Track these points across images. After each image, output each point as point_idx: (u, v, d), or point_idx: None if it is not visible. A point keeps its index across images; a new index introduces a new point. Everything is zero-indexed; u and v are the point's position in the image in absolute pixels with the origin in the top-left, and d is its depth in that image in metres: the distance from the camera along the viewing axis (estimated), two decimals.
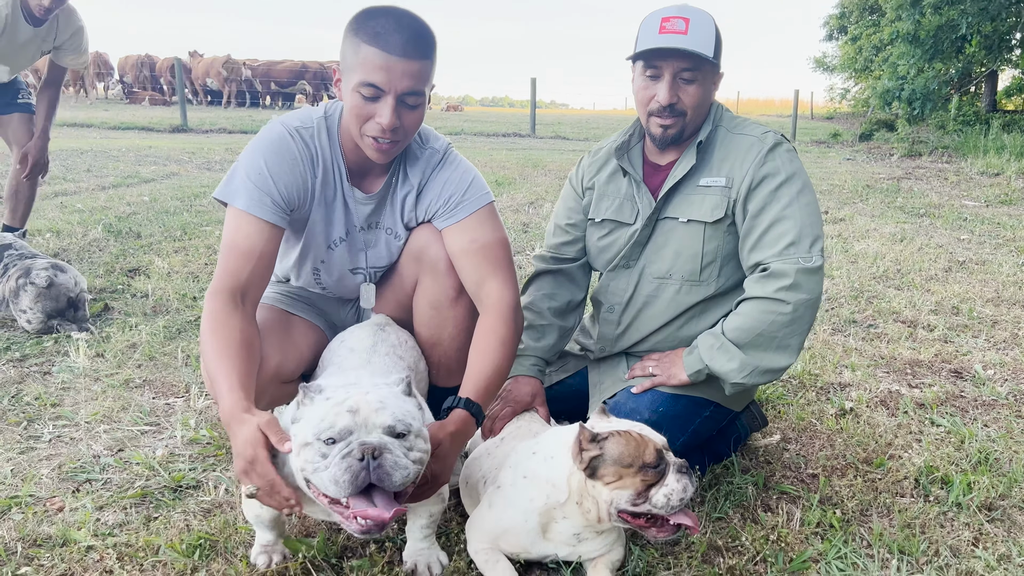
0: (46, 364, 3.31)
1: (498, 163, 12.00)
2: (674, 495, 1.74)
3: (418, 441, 1.63)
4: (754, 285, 2.20)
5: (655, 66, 2.22)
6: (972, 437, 2.71)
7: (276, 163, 2.04)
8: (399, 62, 1.89)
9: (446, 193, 2.18)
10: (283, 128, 2.10)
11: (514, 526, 1.88)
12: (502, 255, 2.19)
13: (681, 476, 1.76)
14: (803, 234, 2.17)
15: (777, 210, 2.20)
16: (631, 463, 1.75)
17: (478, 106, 61.35)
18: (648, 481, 1.75)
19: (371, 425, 1.57)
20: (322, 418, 1.59)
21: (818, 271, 2.17)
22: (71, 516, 2.15)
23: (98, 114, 20.14)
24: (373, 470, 1.53)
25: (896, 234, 6.60)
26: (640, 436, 1.79)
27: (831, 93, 35.52)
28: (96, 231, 5.83)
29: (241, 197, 2.02)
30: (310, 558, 1.93)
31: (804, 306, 2.15)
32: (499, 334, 2.07)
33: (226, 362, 1.84)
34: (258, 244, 2.01)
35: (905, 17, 17.22)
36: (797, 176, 2.23)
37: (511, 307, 2.12)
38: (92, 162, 10.32)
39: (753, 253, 2.23)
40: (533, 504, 1.85)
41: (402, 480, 1.56)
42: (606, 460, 1.77)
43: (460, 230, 2.17)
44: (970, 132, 15.84)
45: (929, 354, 3.60)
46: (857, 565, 1.99)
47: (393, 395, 1.67)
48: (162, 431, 2.72)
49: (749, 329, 2.17)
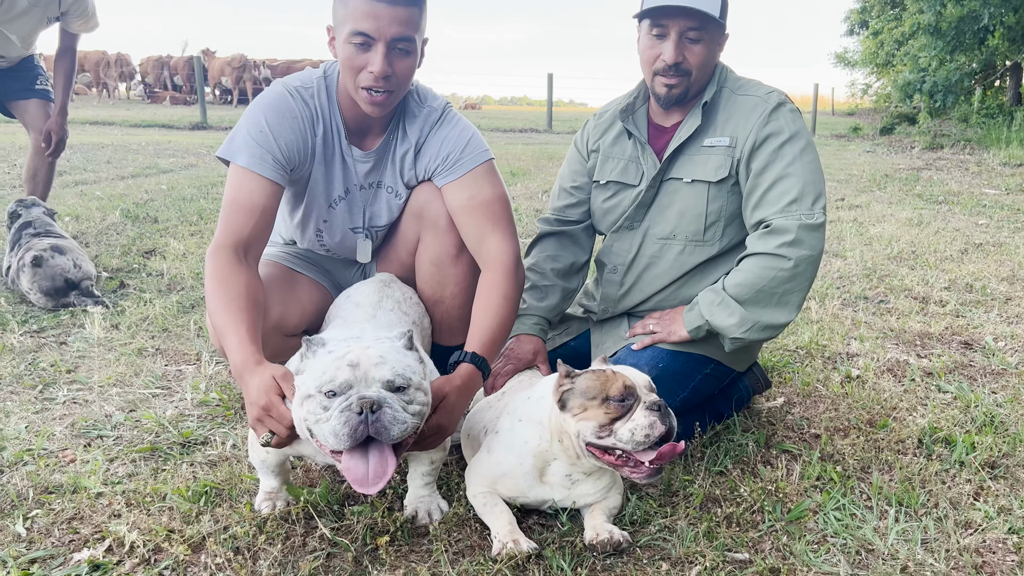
0: (62, 335, 3.37)
1: (514, 156, 12.02)
2: (639, 430, 1.74)
3: (418, 394, 1.66)
4: (756, 241, 2.21)
5: (661, 24, 2.23)
6: (978, 401, 2.70)
7: (276, 121, 2.08)
8: (387, 8, 1.93)
9: (444, 151, 2.20)
10: (284, 88, 2.14)
11: (511, 469, 1.90)
12: (501, 211, 2.21)
13: (650, 413, 1.75)
14: (805, 191, 2.18)
15: (780, 168, 2.21)
16: (595, 396, 1.78)
17: (497, 105, 61.40)
18: (611, 414, 1.77)
19: (370, 379, 1.60)
20: (323, 371, 1.62)
21: (820, 227, 2.17)
22: (82, 467, 2.20)
23: (120, 113, 20.41)
24: (371, 424, 1.57)
25: (913, 219, 6.55)
26: (612, 373, 1.82)
27: (852, 88, 35.24)
28: (114, 216, 5.93)
29: (243, 154, 2.06)
30: (312, 503, 1.96)
31: (806, 262, 2.16)
32: (502, 289, 2.10)
33: (234, 315, 1.89)
34: (259, 200, 2.05)
35: (927, 9, 17.05)
36: (800, 135, 2.24)
37: (512, 262, 2.14)
38: (112, 155, 10.46)
39: (756, 211, 2.24)
40: (527, 446, 1.88)
41: (399, 433, 1.59)
42: (574, 392, 1.81)
43: (459, 187, 2.20)
44: (993, 124, 15.66)
45: (940, 327, 3.58)
46: (855, 515, 1.99)
47: (394, 349, 1.70)
48: (173, 394, 2.77)
49: (750, 285, 2.18)
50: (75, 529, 1.89)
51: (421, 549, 1.85)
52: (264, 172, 2.05)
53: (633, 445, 1.75)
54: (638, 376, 1.85)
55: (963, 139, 15.41)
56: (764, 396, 2.75)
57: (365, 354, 1.64)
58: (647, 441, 1.74)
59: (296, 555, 1.80)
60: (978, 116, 17.69)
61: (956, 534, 1.90)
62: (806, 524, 1.96)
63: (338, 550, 1.83)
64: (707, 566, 1.76)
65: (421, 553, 1.84)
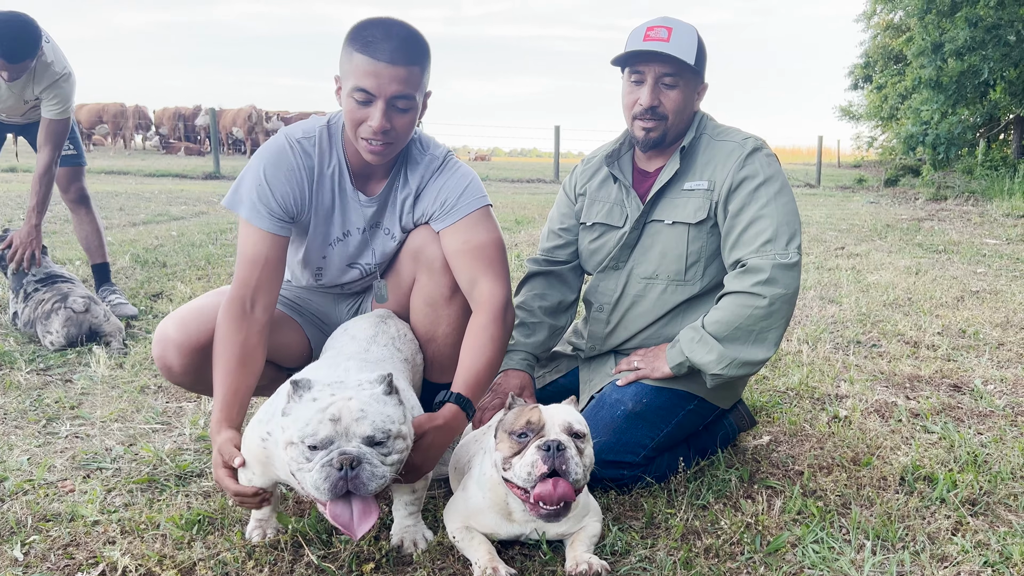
0: (68, 373, 3.46)
1: (520, 205, 12.21)
2: (523, 467, 1.80)
3: (397, 442, 1.74)
4: (732, 280, 2.29)
5: (639, 71, 2.36)
6: (963, 441, 2.73)
7: (273, 174, 2.19)
8: (387, 68, 2.02)
9: (442, 197, 2.29)
10: (285, 140, 2.24)
11: (478, 505, 1.97)
12: (494, 254, 2.28)
13: (537, 451, 1.79)
14: (779, 232, 2.27)
15: (755, 210, 2.30)
16: (508, 430, 1.87)
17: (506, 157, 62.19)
18: (513, 448, 1.84)
19: (351, 434, 1.67)
20: (307, 422, 1.69)
21: (794, 267, 2.25)
22: (80, 497, 2.26)
23: (135, 163, 20.83)
24: (350, 480, 1.65)
25: (911, 267, 6.61)
26: (531, 408, 1.89)
27: (858, 141, 35.57)
28: (124, 260, 6.06)
29: (244, 207, 2.19)
30: (301, 532, 2.02)
31: (780, 300, 2.23)
32: (489, 331, 2.16)
33: (220, 377, 2.05)
34: (262, 251, 2.17)
35: (928, 64, 17.33)
36: (775, 178, 2.34)
37: (502, 305, 2.21)
38: (125, 203, 10.69)
39: (733, 251, 2.33)
40: (485, 477, 1.96)
41: (377, 488, 1.68)
42: (502, 425, 1.92)
43: (454, 231, 2.28)
44: (996, 176, 15.78)
45: (930, 370, 3.62)
46: (833, 548, 2.03)
47: (374, 399, 1.74)
48: (172, 429, 2.84)
49: (727, 322, 2.26)
50: (70, 555, 1.95)
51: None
52: (263, 225, 2.17)
53: (521, 481, 1.81)
54: (561, 416, 1.88)
55: (967, 190, 15.53)
56: (750, 434, 2.80)
57: (347, 407, 1.69)
58: (530, 480, 1.79)
59: None
60: (982, 168, 17.82)
61: (931, 567, 1.93)
62: (784, 556, 2.00)
63: None
64: None
65: None
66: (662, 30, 2.33)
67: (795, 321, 4.63)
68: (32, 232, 4.28)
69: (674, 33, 2.31)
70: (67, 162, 4.59)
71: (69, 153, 4.60)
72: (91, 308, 3.90)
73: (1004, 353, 3.95)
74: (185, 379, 2.28)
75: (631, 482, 2.32)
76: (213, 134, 20.22)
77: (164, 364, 2.28)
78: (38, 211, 4.31)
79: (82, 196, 4.74)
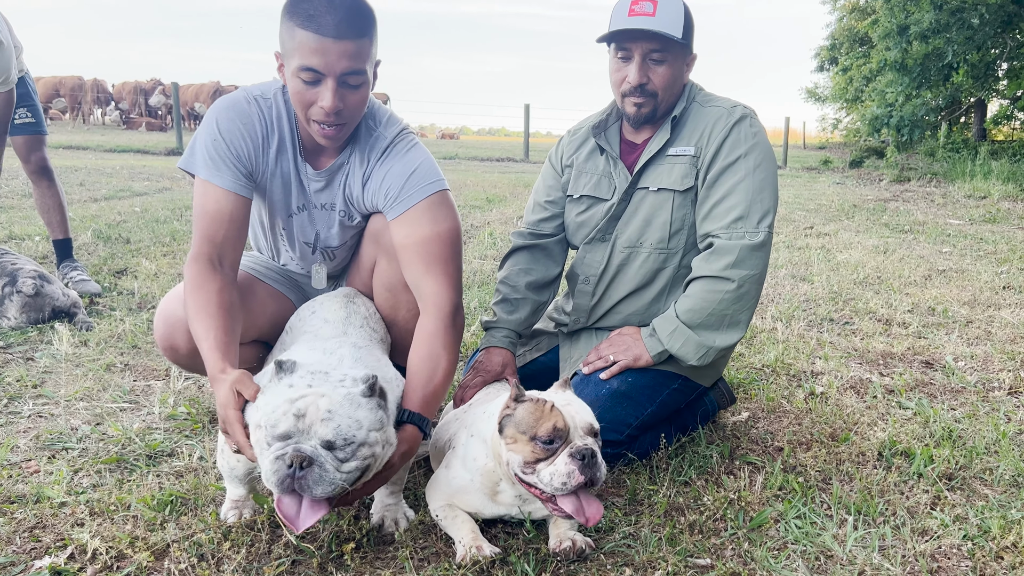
0: (29, 351, 3.35)
1: (490, 183, 12.12)
2: (556, 477, 1.72)
3: (361, 450, 1.64)
4: (701, 264, 2.28)
5: (625, 48, 2.30)
6: (937, 417, 2.76)
7: (229, 127, 2.06)
8: (335, 43, 1.86)
9: (385, 186, 2.13)
10: (242, 94, 2.12)
11: (465, 485, 1.92)
12: (439, 250, 2.09)
13: (572, 461, 1.72)
14: (751, 209, 2.25)
15: (731, 183, 2.28)
16: (526, 430, 1.77)
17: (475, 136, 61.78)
18: (536, 454, 1.75)
19: (311, 433, 1.61)
20: (273, 410, 1.63)
21: (763, 246, 2.24)
22: (46, 478, 2.19)
23: (94, 138, 20.31)
24: (297, 479, 1.58)
25: (879, 246, 6.69)
26: (550, 410, 1.78)
27: (823, 123, 35.91)
28: (86, 236, 5.89)
29: (202, 166, 2.06)
30: None
31: (749, 281, 2.23)
32: (441, 339, 2.03)
33: (205, 322, 1.91)
34: (226, 208, 2.06)
35: (893, 46, 17.49)
36: (756, 149, 2.31)
37: (451, 310, 2.07)
38: (85, 178, 10.41)
39: (704, 222, 2.32)
40: (476, 463, 1.90)
41: (323, 493, 1.60)
42: (512, 420, 1.80)
43: (398, 224, 2.12)
44: (958, 159, 16.03)
45: (902, 347, 3.66)
46: (815, 523, 2.03)
47: (348, 400, 1.66)
48: (141, 408, 2.76)
49: (700, 310, 2.25)
50: (37, 537, 1.88)
51: (386, 556, 1.86)
52: (223, 184, 2.05)
53: (551, 489, 1.74)
54: (580, 416, 1.81)
55: (929, 172, 15.76)
56: (729, 411, 2.80)
57: (315, 405, 1.63)
58: (564, 489, 1.72)
59: (261, 561, 1.80)
60: (944, 151, 18.08)
61: (912, 541, 1.94)
62: (767, 531, 2.00)
63: (303, 557, 1.83)
64: (669, 571, 1.79)
65: (386, 560, 1.84)
66: (647, 3, 2.27)
67: (769, 299, 4.65)
68: None
69: (660, 6, 2.26)
70: (26, 130, 4.38)
71: (28, 121, 4.39)
72: (43, 289, 3.71)
73: (973, 330, 4.00)
74: (191, 360, 2.15)
75: (614, 460, 2.30)
76: (176, 109, 19.79)
77: (170, 344, 2.18)
78: None
79: (43, 167, 4.53)
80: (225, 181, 2.05)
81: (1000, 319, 4.21)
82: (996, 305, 4.55)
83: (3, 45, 3.90)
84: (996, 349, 3.65)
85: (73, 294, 3.86)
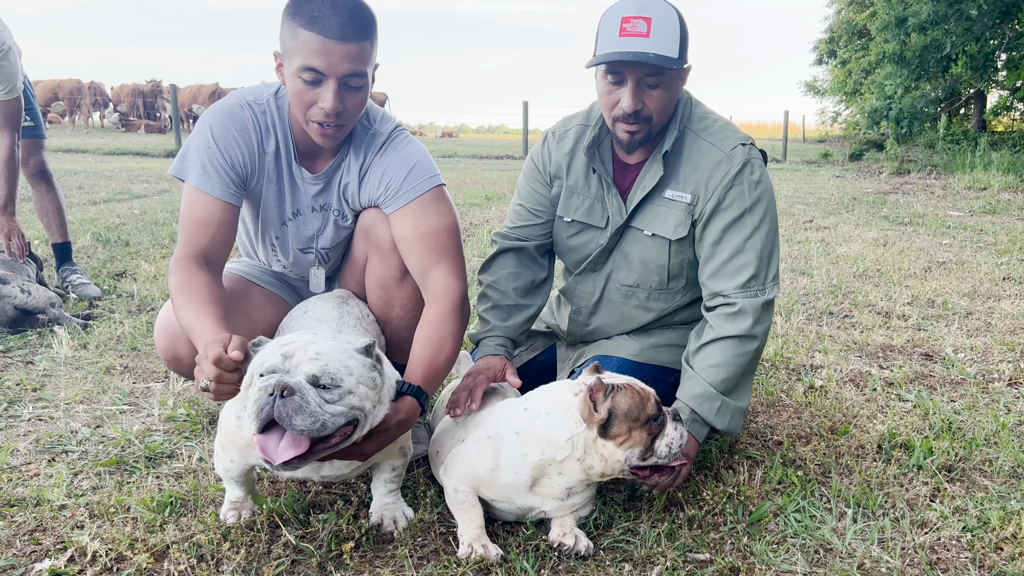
0: (29, 355, 3.35)
1: (489, 181, 12.12)
2: (675, 443, 1.87)
3: (348, 397, 1.63)
4: (724, 323, 2.20)
5: (617, 72, 2.11)
6: (936, 409, 2.76)
7: (223, 134, 2.06)
8: (338, 45, 1.88)
9: (385, 180, 2.15)
10: (237, 99, 2.12)
11: (503, 477, 1.88)
12: (447, 241, 2.15)
13: (676, 423, 1.88)
14: (762, 266, 2.21)
15: (738, 241, 2.20)
16: (637, 417, 1.81)
17: (474, 133, 61.74)
18: (653, 433, 1.83)
19: (297, 370, 1.61)
20: (264, 357, 1.64)
21: (773, 300, 2.24)
22: (46, 481, 2.19)
23: (93, 141, 20.32)
24: (276, 406, 1.56)
25: (879, 239, 6.68)
26: (641, 389, 1.86)
27: (822, 116, 35.83)
28: (85, 239, 5.90)
29: (193, 173, 2.05)
30: (277, 512, 1.97)
31: (764, 332, 2.23)
32: (449, 325, 2.04)
33: (199, 310, 1.88)
34: (215, 214, 2.05)
35: (891, 38, 17.46)
36: (760, 202, 2.22)
37: (460, 299, 2.10)
38: (84, 181, 10.42)
39: (713, 280, 2.24)
40: (527, 459, 1.86)
41: (304, 426, 1.57)
42: (616, 416, 1.80)
43: (402, 217, 2.15)
44: (958, 150, 16.00)
45: (902, 340, 3.65)
46: (815, 517, 2.03)
47: (341, 349, 1.67)
48: (140, 410, 2.76)
49: (734, 376, 2.20)
50: (37, 540, 1.88)
51: (386, 555, 1.86)
52: (213, 192, 2.04)
53: (670, 458, 1.86)
54: (649, 387, 1.91)
55: (929, 164, 15.74)
56: None
57: (303, 346, 1.64)
58: (680, 451, 1.88)
59: (260, 562, 1.80)
60: (944, 142, 18.05)
61: (912, 533, 1.94)
62: (766, 525, 2.00)
63: (303, 557, 1.83)
64: (668, 566, 1.79)
65: (386, 558, 1.85)
66: (639, 22, 2.04)
67: None
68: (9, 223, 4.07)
69: (654, 25, 2.04)
70: (25, 134, 4.35)
71: (26, 124, 4.37)
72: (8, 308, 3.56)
73: (972, 322, 3.99)
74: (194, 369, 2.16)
75: None
76: (174, 111, 19.78)
77: (172, 355, 2.17)
78: (9, 201, 4.07)
79: (42, 170, 4.53)
80: (215, 189, 2.05)
81: (1000, 310, 4.21)
82: (996, 296, 4.55)
83: (11, 51, 3.92)
84: (996, 340, 3.65)
85: (44, 292, 3.74)
